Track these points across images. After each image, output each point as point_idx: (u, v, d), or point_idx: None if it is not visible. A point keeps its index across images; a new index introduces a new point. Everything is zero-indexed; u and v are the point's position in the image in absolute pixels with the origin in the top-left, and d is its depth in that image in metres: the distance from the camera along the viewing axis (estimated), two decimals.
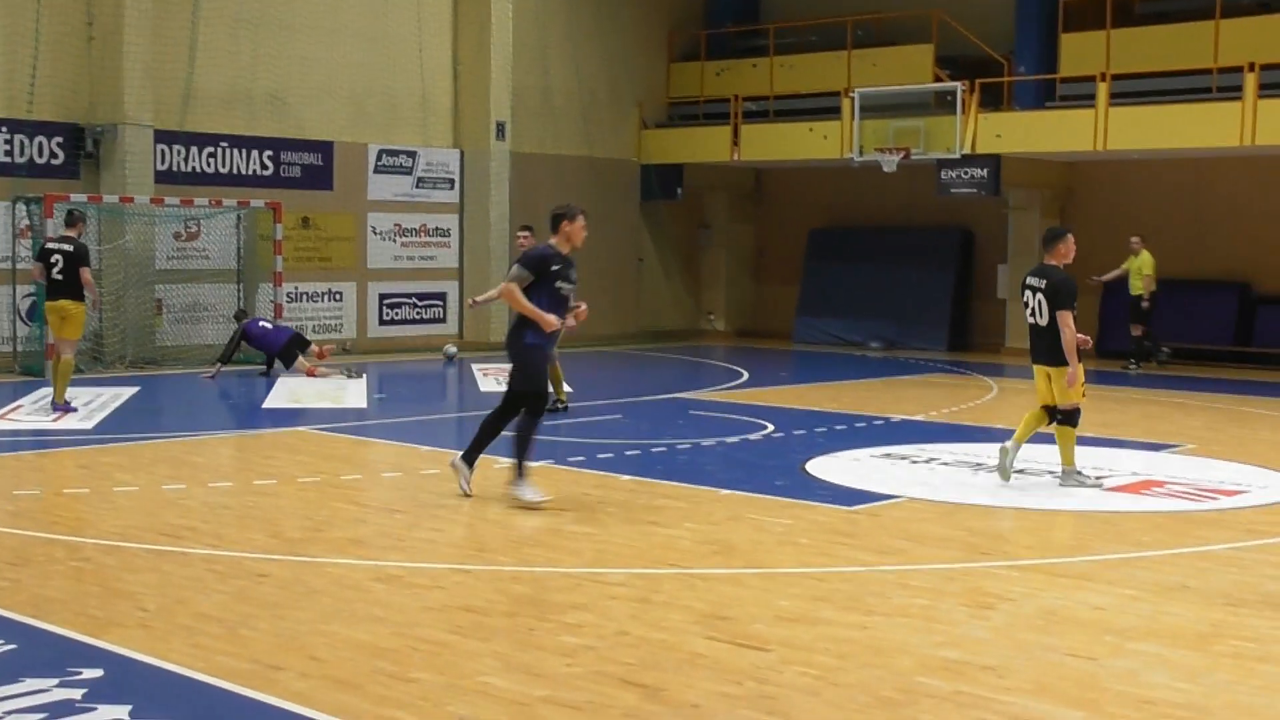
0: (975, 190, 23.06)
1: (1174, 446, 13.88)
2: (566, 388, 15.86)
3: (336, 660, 6.46)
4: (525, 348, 10.36)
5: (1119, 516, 10.30)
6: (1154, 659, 6.69)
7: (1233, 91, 20.55)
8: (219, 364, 19.20)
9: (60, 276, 14.99)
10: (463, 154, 24.68)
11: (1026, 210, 24.72)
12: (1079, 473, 11.37)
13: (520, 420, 10.44)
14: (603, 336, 24.85)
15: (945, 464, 12.44)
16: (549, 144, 25.79)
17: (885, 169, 23.40)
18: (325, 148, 22.85)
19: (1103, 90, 21.50)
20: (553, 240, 10.58)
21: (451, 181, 24.63)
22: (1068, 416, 11.31)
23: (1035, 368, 11.52)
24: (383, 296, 23.92)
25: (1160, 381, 20.12)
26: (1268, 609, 7.65)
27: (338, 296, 23.18)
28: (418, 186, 24.19)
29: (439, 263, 24.57)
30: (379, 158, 23.61)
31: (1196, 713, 5.92)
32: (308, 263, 22.60)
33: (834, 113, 24.48)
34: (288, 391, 17.56)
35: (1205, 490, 11.34)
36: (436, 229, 24.51)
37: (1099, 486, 11.23)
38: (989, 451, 13.12)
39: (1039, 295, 11.29)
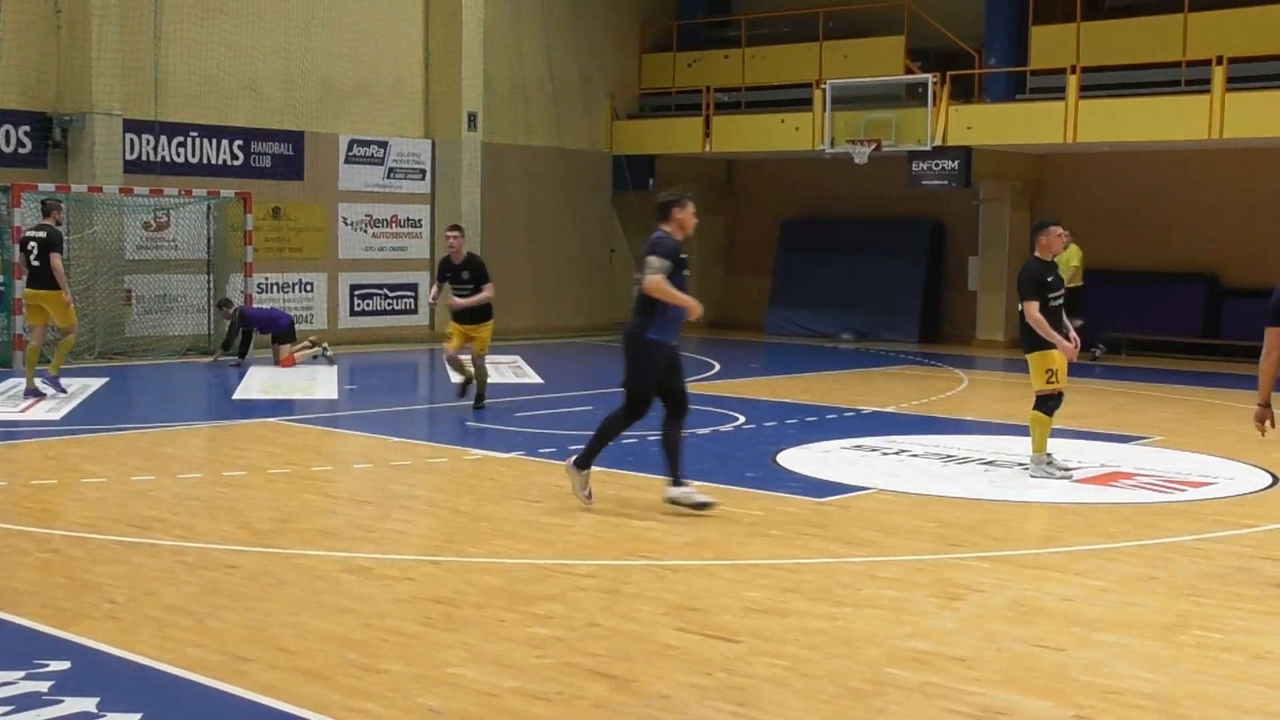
0: (946, 182, 23.12)
1: (1142, 438, 13.95)
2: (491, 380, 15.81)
3: (306, 652, 6.45)
4: (647, 343, 9.82)
5: (1088, 508, 10.35)
6: (1121, 649, 6.73)
7: (1201, 84, 20.65)
8: (221, 350, 19.68)
9: (37, 264, 15.00)
10: (434, 144, 24.62)
11: (997, 202, 24.81)
12: (1048, 461, 11.34)
13: (665, 428, 10.01)
14: (575, 328, 24.85)
15: (915, 456, 12.48)
16: (521, 135, 25.74)
17: (857, 161, 23.45)
18: (296, 138, 22.77)
19: (1073, 83, 21.59)
20: (665, 228, 9.90)
21: (423, 172, 24.57)
22: (1039, 402, 11.28)
23: None
24: (354, 287, 23.85)
25: (1129, 374, 20.22)
26: (1233, 600, 7.70)
27: (309, 287, 23.11)
28: (389, 177, 24.13)
29: (410, 254, 24.51)
30: (350, 148, 23.54)
31: (1162, 702, 5.96)
32: (278, 253, 22.52)
33: (806, 104, 24.52)
34: (258, 382, 17.51)
35: (1173, 482, 11.40)
36: (408, 220, 24.45)
37: (1069, 477, 11.24)
38: (959, 443, 13.19)
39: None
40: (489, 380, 15.56)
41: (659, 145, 26.92)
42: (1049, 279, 11.22)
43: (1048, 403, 11.29)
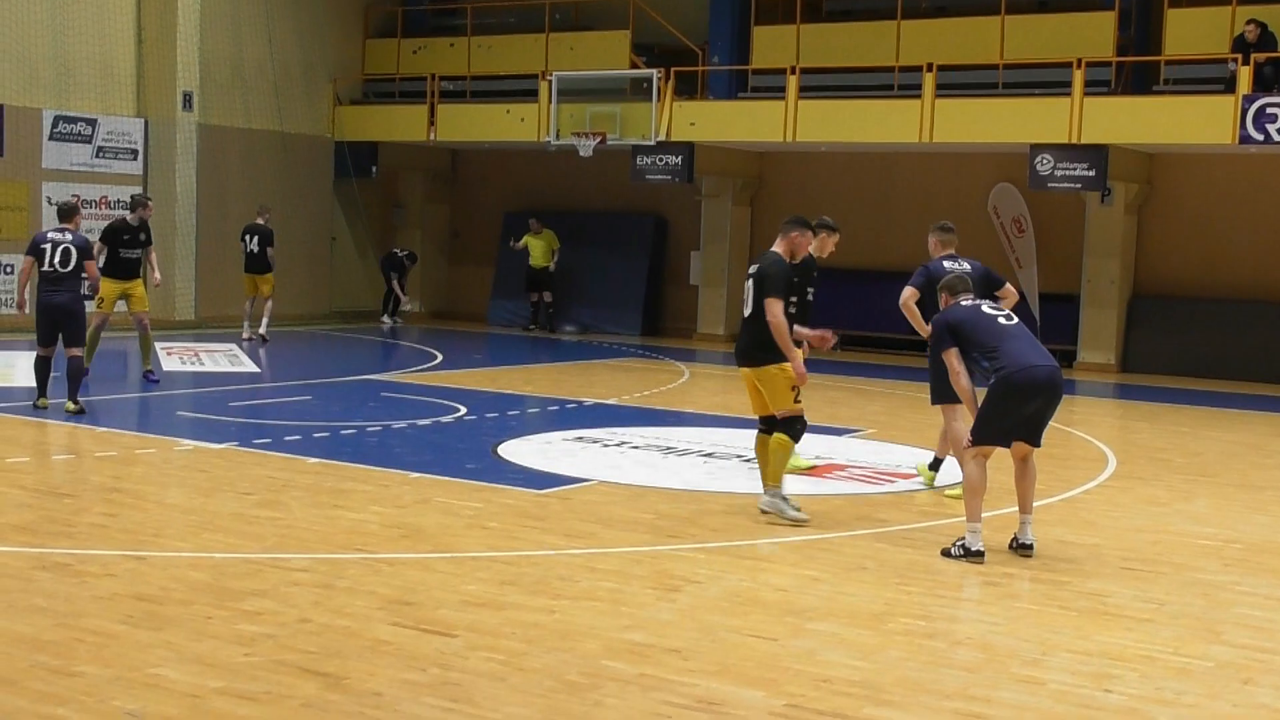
0: (669, 177, 23.38)
1: (855, 431, 14.35)
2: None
3: None
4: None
5: (802, 499, 10.53)
6: (831, 638, 6.86)
7: (913, 90, 21.37)
8: None
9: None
10: (147, 123, 23.70)
11: (718, 198, 25.21)
12: (784, 498, 9.65)
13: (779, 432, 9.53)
14: (294, 316, 24.28)
15: (636, 448, 12.56)
16: (239, 117, 24.99)
17: (581, 153, 23.52)
18: None
19: (792, 83, 22.07)
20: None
21: (135, 152, 23.62)
22: (788, 425, 9.56)
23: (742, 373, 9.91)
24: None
25: (844, 368, 20.79)
26: (937, 588, 7.95)
27: (8, 270, 21.97)
28: (98, 156, 23.12)
29: None
30: (55, 124, 22.46)
31: (869, 689, 6.10)
32: None
33: (531, 95, 24.47)
34: None
35: (883, 473, 11.74)
36: (119, 201, 23.45)
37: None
38: (679, 435, 13.33)
39: (748, 282, 9.78)
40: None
41: (383, 132, 26.51)
42: (795, 280, 9.88)
43: (795, 425, 9.59)
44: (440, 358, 20.32)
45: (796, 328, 9.88)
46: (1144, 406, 18.01)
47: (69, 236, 13.81)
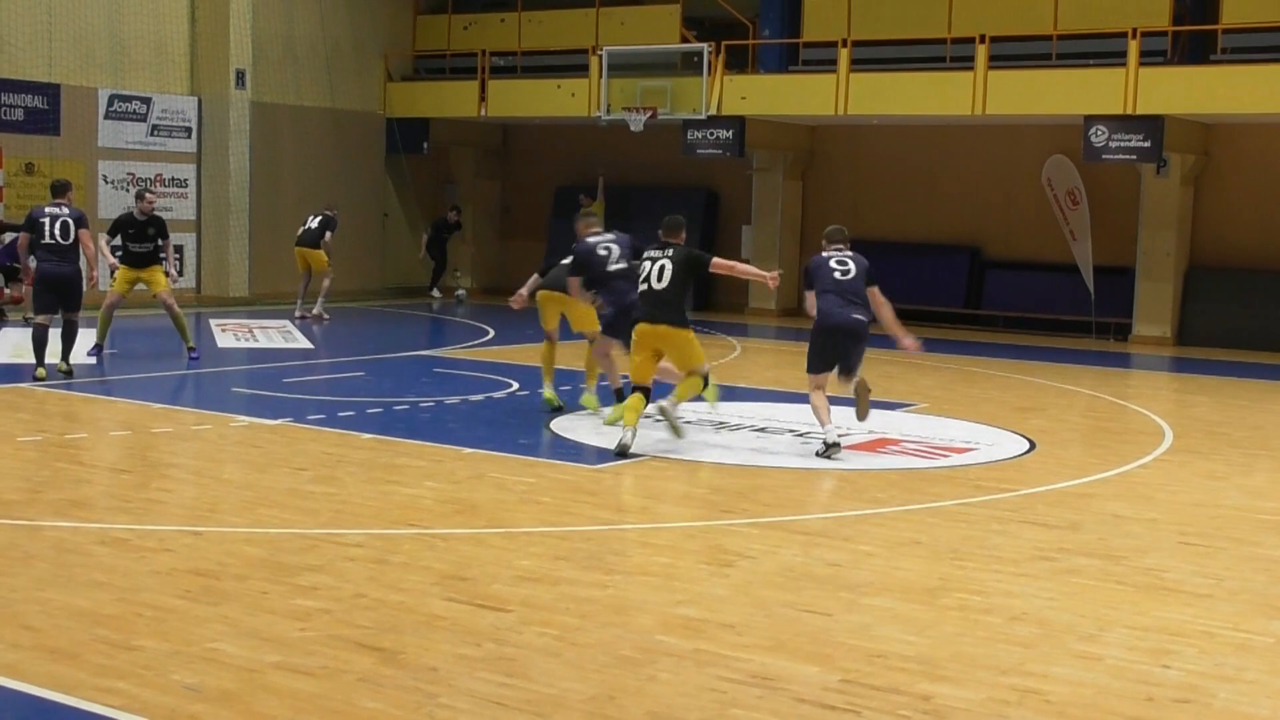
0: (720, 151, 23.31)
1: (908, 405, 14.28)
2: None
3: (53, 629, 6.14)
4: None
5: (855, 474, 10.53)
6: (885, 613, 6.84)
7: (965, 61, 21.19)
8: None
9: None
10: (201, 102, 23.83)
11: (769, 172, 25.13)
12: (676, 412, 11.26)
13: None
14: (347, 292, 24.38)
15: (689, 422, 12.52)
16: (291, 94, 25.08)
17: (632, 128, 23.47)
18: (51, 90, 21.78)
19: (844, 56, 21.93)
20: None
21: (189, 130, 23.76)
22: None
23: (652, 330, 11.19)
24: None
25: (892, 343, 20.63)
26: (993, 562, 7.90)
27: None
28: (152, 134, 23.26)
29: (176, 214, 23.60)
30: (110, 103, 22.62)
31: (924, 664, 6.07)
32: None
33: (582, 70, 24.43)
34: (10, 345, 16.73)
35: (937, 448, 11.68)
36: (173, 179, 23.62)
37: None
38: (732, 410, 13.29)
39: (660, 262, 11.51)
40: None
41: (433, 109, 26.54)
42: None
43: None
44: (492, 333, 20.36)
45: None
46: (1201, 380, 17.83)
47: (66, 210, 14.18)
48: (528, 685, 5.65)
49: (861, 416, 11.80)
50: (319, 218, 21.41)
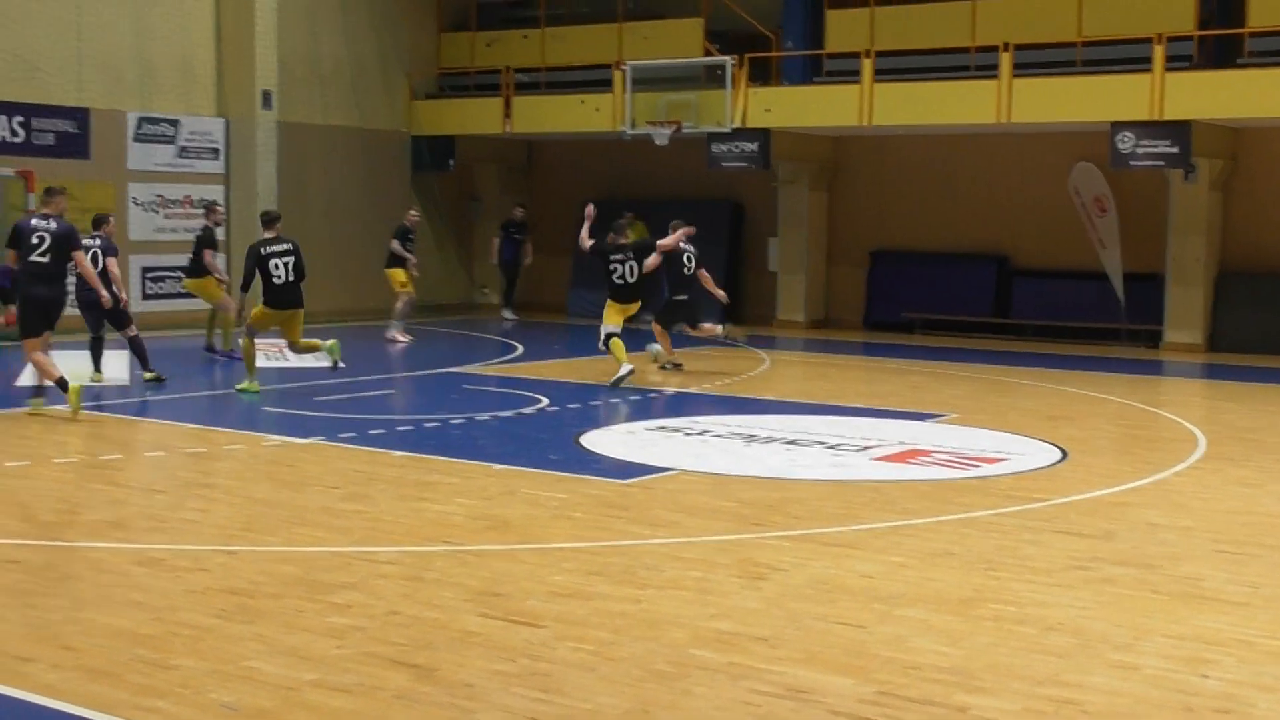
0: (745, 164, 23.32)
1: (939, 416, 14.25)
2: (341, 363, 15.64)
3: (92, 649, 6.19)
4: None
5: (887, 485, 10.52)
6: (919, 624, 6.83)
7: (989, 70, 21.16)
8: None
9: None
10: (228, 123, 23.98)
11: (795, 184, 25.12)
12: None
13: None
14: (375, 310, 24.45)
15: (718, 436, 12.54)
16: (318, 114, 25.21)
17: (657, 142, 23.50)
18: (80, 114, 21.94)
19: (867, 66, 21.93)
20: None
21: (216, 151, 23.91)
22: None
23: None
24: (145, 269, 23.12)
25: (924, 353, 20.66)
26: (1025, 572, 7.88)
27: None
28: (181, 156, 23.41)
29: None
30: (139, 125, 22.78)
31: (960, 675, 6.06)
32: None
33: (606, 85, 24.48)
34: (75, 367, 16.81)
35: (968, 458, 11.66)
36: (202, 200, 23.74)
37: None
38: (761, 423, 13.30)
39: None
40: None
41: (458, 126, 26.63)
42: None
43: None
44: (521, 349, 20.41)
45: None
46: (1233, 386, 17.74)
47: (99, 242, 14.27)
48: (563, 700, 5.67)
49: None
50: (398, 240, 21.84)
